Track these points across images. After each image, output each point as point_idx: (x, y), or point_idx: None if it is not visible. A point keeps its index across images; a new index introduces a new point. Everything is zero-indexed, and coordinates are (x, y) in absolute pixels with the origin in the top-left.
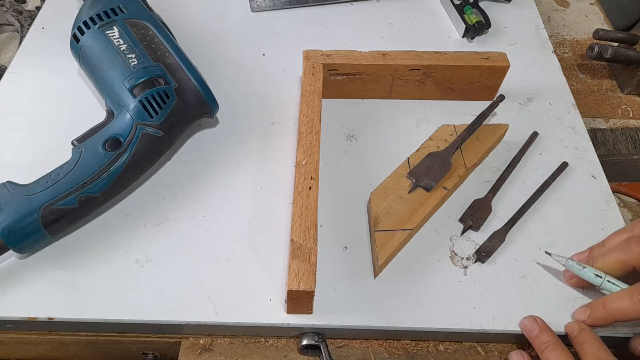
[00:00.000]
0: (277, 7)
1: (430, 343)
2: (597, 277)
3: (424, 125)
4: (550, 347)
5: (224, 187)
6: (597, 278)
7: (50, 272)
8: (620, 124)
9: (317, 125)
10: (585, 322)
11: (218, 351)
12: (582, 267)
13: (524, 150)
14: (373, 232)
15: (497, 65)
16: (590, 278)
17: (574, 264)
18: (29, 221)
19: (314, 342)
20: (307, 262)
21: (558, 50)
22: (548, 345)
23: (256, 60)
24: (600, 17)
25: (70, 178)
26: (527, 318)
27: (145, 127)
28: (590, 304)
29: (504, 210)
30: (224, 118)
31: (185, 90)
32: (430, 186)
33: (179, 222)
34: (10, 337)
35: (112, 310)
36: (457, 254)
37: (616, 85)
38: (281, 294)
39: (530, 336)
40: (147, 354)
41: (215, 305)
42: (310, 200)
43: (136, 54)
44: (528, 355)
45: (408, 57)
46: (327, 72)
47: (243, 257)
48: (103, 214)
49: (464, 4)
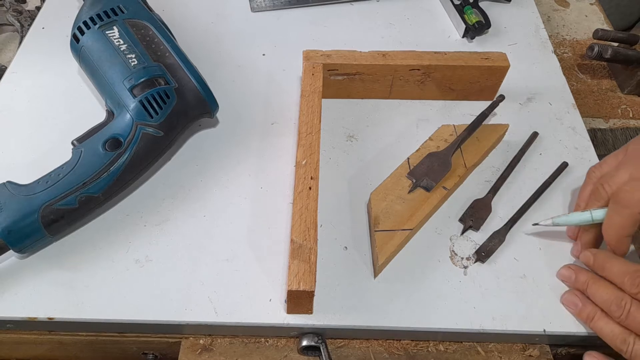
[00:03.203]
0: (277, 7)
1: (430, 343)
2: (584, 213)
3: (424, 125)
4: (590, 283)
5: (224, 187)
6: (585, 213)
7: (50, 272)
8: (620, 124)
9: (317, 125)
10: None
11: (218, 351)
12: (567, 215)
13: (524, 150)
14: (373, 232)
15: (497, 65)
16: (580, 218)
17: (559, 218)
18: (29, 221)
19: (313, 343)
20: (307, 262)
21: (558, 50)
22: (588, 282)
23: (256, 60)
24: (600, 17)
25: (70, 178)
26: (562, 268)
27: (145, 127)
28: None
29: (504, 210)
30: (224, 118)
31: (185, 90)
32: (430, 186)
33: (179, 222)
34: (10, 337)
35: (112, 310)
36: (457, 254)
37: (616, 85)
38: (281, 294)
39: (570, 283)
40: (147, 354)
41: (215, 305)
42: (310, 200)
43: (136, 54)
44: (601, 355)
45: (408, 57)
46: (327, 72)
47: (243, 257)
48: (103, 214)
49: (464, 4)
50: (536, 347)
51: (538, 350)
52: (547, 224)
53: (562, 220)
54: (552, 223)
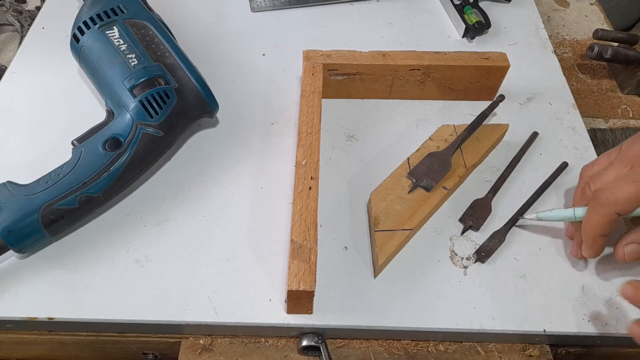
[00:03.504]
0: (277, 7)
1: (430, 343)
2: (567, 210)
3: (424, 125)
4: None
5: (224, 187)
6: (568, 210)
7: (50, 272)
8: (620, 124)
9: (317, 125)
10: None
11: (218, 351)
12: (550, 210)
13: (524, 150)
14: (373, 232)
15: (497, 65)
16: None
17: (543, 213)
18: (29, 221)
19: (313, 344)
20: (307, 262)
21: (558, 50)
22: None
23: (256, 60)
24: (600, 17)
25: (70, 178)
26: (627, 286)
27: (145, 127)
28: None
29: (504, 210)
30: (224, 118)
31: (185, 90)
32: (430, 186)
33: (179, 222)
34: (10, 337)
35: (112, 310)
36: (457, 254)
37: (616, 85)
38: (281, 294)
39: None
40: (147, 354)
41: (215, 305)
42: (310, 200)
43: (136, 54)
44: None
45: (408, 57)
46: (327, 72)
47: (243, 257)
48: (103, 214)
49: (464, 4)
50: (536, 347)
51: (538, 350)
52: (532, 217)
53: (545, 215)
54: (537, 217)
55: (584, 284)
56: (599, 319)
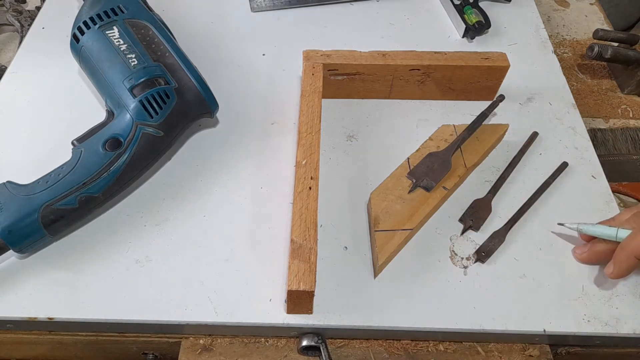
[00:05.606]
0: (277, 7)
1: (430, 343)
2: (611, 228)
3: (424, 125)
4: None
5: (224, 187)
6: (612, 229)
7: (50, 272)
8: (620, 124)
9: (317, 125)
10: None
11: (218, 351)
12: (593, 225)
13: (524, 150)
14: (373, 232)
15: (497, 65)
16: (605, 231)
17: (586, 226)
18: (29, 221)
19: (313, 343)
20: (307, 262)
21: (558, 50)
22: None
23: (256, 60)
24: (600, 17)
25: (70, 178)
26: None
27: (145, 127)
28: None
29: (504, 210)
30: (224, 118)
31: (185, 90)
32: (430, 186)
33: (179, 222)
34: (10, 337)
35: (112, 310)
36: (457, 254)
37: (616, 85)
38: (281, 294)
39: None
40: (147, 354)
41: (215, 305)
42: (310, 200)
43: (136, 54)
44: None
45: (408, 57)
46: (327, 72)
47: (243, 257)
48: (103, 214)
49: (464, 4)
50: (536, 347)
51: (538, 350)
52: (573, 227)
53: (587, 228)
54: (577, 228)
55: (584, 284)
56: (599, 319)
